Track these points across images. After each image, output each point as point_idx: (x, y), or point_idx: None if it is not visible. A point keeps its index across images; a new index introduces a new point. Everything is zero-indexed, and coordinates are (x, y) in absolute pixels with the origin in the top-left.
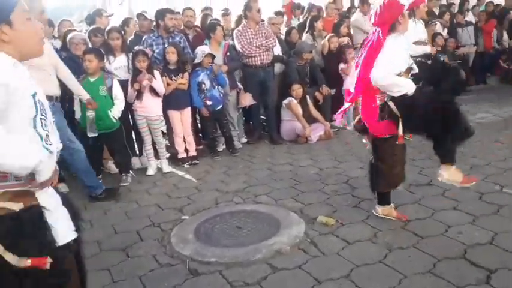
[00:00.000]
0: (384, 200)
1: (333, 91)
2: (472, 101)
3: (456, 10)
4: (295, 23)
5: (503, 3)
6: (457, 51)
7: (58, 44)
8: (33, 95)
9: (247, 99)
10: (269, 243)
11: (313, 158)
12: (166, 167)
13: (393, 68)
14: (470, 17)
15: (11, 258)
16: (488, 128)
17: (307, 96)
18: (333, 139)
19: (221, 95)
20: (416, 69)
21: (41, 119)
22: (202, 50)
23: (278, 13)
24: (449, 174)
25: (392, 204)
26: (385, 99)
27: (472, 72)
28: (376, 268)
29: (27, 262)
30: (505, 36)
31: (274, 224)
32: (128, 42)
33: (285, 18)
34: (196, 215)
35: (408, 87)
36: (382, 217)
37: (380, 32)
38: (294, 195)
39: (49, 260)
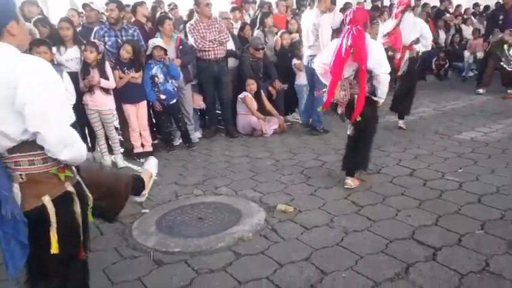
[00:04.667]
0: (352, 172)
1: (285, 86)
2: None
3: None
4: (248, 18)
5: (438, 4)
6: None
7: None
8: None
9: (197, 102)
10: (231, 231)
11: (269, 150)
12: (121, 162)
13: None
14: None
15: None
16: (429, 121)
17: (261, 91)
18: (287, 132)
19: (175, 89)
20: None
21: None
22: (152, 42)
23: (235, 8)
24: (353, 181)
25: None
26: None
27: None
28: (334, 250)
29: None
30: (442, 35)
31: (235, 214)
32: None
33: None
34: (156, 208)
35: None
36: (341, 199)
37: (355, 29)
38: (253, 186)
39: None
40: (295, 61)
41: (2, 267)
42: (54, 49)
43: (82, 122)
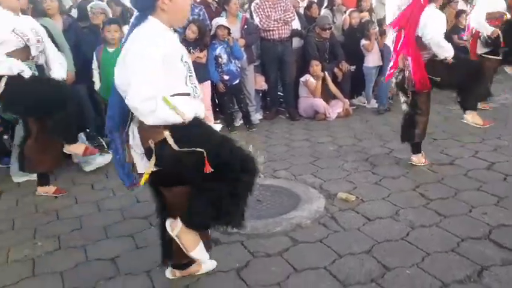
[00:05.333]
0: (417, 149)
1: (352, 68)
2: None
3: None
4: None
5: None
6: None
7: (75, 13)
8: (182, 57)
9: (259, 84)
10: (289, 216)
11: (331, 135)
12: None
13: (442, 31)
14: None
15: None
16: None
17: (326, 73)
18: (352, 116)
19: (238, 70)
20: None
21: (189, 76)
22: (216, 21)
23: None
24: (473, 118)
25: (422, 152)
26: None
27: None
28: (397, 245)
29: None
30: None
31: (293, 199)
32: None
33: None
34: None
35: (451, 51)
36: (408, 191)
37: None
38: (313, 171)
39: None
40: (364, 42)
41: None
42: (126, 28)
43: None
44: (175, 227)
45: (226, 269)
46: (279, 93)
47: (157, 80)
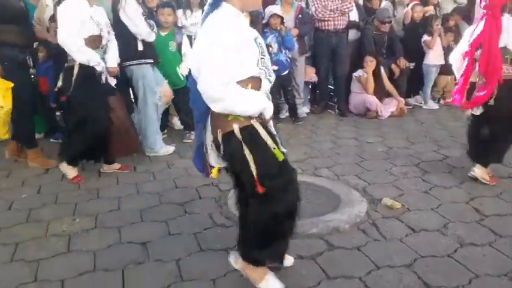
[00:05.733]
0: (485, 161)
1: (411, 65)
2: None
3: None
4: None
5: None
6: None
7: None
8: (255, 39)
9: (309, 75)
10: (327, 218)
11: (382, 135)
12: None
13: None
14: None
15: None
16: None
17: (382, 68)
18: (406, 117)
19: (288, 60)
20: None
21: (261, 58)
22: (270, 10)
23: None
24: (483, 173)
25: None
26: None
27: None
28: (442, 262)
29: None
30: None
31: (333, 200)
32: None
33: None
34: None
35: None
36: (461, 203)
37: (492, 14)
38: (358, 173)
39: None
40: (425, 38)
41: None
42: (180, 12)
43: None
44: (237, 261)
45: None
46: (329, 86)
47: (228, 67)
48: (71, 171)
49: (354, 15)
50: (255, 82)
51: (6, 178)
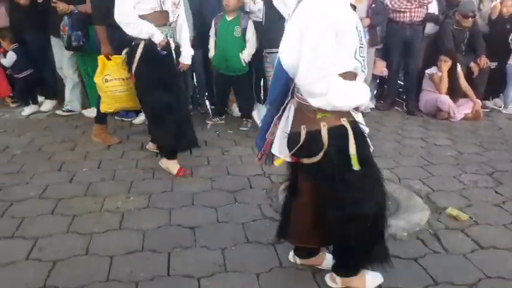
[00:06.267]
0: None
1: (493, 64)
2: None
3: None
4: None
5: None
6: None
7: None
8: (356, 26)
9: (378, 69)
10: None
11: (452, 138)
12: None
13: None
14: None
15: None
16: None
17: (459, 66)
18: (482, 121)
19: None
20: None
21: (360, 47)
22: None
23: None
24: None
25: None
26: None
27: None
28: None
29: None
30: None
31: (392, 204)
32: None
33: None
34: None
35: None
36: None
37: None
38: (422, 177)
39: None
40: None
41: None
42: None
43: (260, 74)
44: (334, 279)
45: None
46: (398, 82)
47: (329, 59)
48: (172, 166)
49: (433, 7)
50: (350, 76)
51: (71, 151)
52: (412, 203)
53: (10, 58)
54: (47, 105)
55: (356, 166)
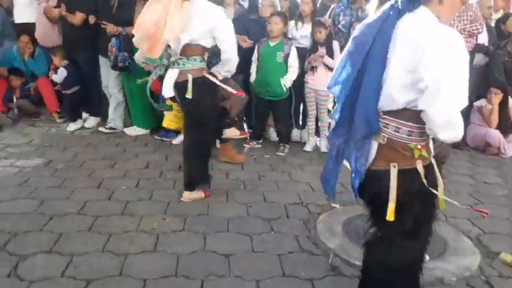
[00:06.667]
0: None
1: None
2: None
3: None
4: None
5: None
6: None
7: (246, 4)
8: None
9: None
10: (430, 266)
11: (503, 176)
12: (324, 147)
13: None
14: None
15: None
16: None
17: (511, 99)
18: None
19: None
20: None
21: None
22: None
23: None
24: None
25: None
26: None
27: None
28: None
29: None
30: None
31: (439, 245)
32: None
33: None
34: (348, 206)
35: None
36: None
37: None
38: (471, 217)
39: None
40: None
41: None
42: (292, 23)
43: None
44: None
45: None
46: None
47: (466, 89)
48: (197, 194)
49: (483, 38)
50: None
51: (111, 168)
52: (461, 245)
53: (61, 74)
54: (91, 121)
55: (443, 206)
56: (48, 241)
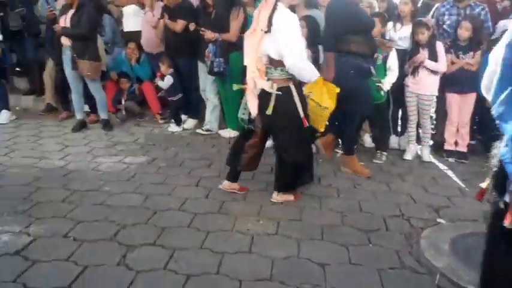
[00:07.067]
0: None
1: None
2: None
3: None
4: None
5: None
6: None
7: None
8: None
9: None
10: None
11: None
12: (427, 156)
13: None
14: None
15: None
16: None
17: None
18: None
19: None
20: None
21: None
22: (503, 24)
23: None
24: None
25: None
26: None
27: None
28: None
29: None
30: None
31: None
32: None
33: None
34: (456, 223)
35: None
36: None
37: None
38: None
39: None
40: None
41: None
42: (390, 24)
43: (397, 104)
44: None
45: None
46: None
47: None
48: (288, 196)
49: None
50: None
51: (207, 168)
52: None
53: (168, 82)
54: (190, 123)
55: None
56: (153, 234)
